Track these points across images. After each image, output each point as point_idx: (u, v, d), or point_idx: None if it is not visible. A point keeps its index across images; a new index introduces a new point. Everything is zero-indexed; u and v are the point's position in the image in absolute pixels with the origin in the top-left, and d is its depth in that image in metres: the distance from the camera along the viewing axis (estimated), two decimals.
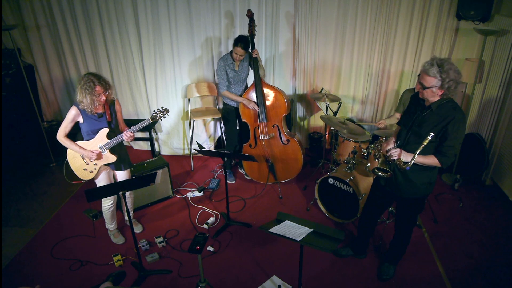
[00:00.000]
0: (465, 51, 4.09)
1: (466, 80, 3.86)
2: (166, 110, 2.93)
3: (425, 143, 2.17)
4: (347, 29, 4.18)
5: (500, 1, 3.76)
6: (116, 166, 3.09)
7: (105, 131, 2.89)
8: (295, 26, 4.24)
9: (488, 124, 3.98)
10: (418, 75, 2.29)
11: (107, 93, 2.80)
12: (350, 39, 4.24)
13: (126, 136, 2.87)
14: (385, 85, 4.42)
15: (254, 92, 3.83)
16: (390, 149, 2.40)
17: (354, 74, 4.45)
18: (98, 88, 2.72)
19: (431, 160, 2.32)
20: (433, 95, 2.25)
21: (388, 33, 4.11)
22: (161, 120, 2.94)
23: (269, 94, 3.88)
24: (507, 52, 3.62)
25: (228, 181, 3.97)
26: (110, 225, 3.35)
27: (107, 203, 3.18)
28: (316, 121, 4.82)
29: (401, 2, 3.94)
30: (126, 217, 3.46)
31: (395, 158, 2.33)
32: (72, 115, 2.83)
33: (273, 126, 3.95)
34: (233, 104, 3.97)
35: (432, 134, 2.15)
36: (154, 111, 2.92)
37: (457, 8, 3.77)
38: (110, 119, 2.93)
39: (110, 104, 2.95)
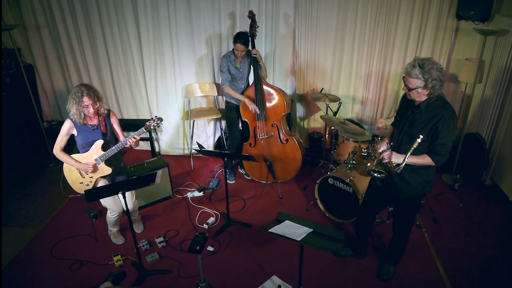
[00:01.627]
0: (465, 51, 4.09)
1: (466, 80, 3.86)
2: (160, 119, 2.87)
3: (414, 146, 2.17)
4: (347, 29, 4.18)
5: (500, 1, 3.76)
6: (112, 178, 3.03)
7: (99, 142, 2.85)
8: (295, 26, 4.24)
9: (488, 124, 3.98)
10: (403, 77, 2.29)
11: (96, 105, 2.76)
12: (350, 39, 4.24)
13: (130, 141, 2.82)
14: (385, 85, 4.42)
15: (254, 91, 3.85)
16: (383, 151, 2.41)
17: (354, 74, 4.45)
18: (85, 99, 2.68)
19: (425, 160, 2.32)
20: (419, 96, 2.26)
21: (388, 33, 4.11)
22: (155, 129, 2.87)
23: (269, 94, 3.89)
24: (507, 52, 3.62)
25: (228, 181, 3.97)
26: (113, 229, 3.34)
27: (113, 214, 3.14)
28: (316, 121, 4.83)
29: (401, 2, 3.94)
30: (134, 217, 3.45)
31: (386, 160, 2.34)
32: (66, 128, 2.81)
33: (272, 125, 3.95)
34: (234, 102, 3.98)
35: (421, 136, 2.16)
36: (148, 120, 2.86)
37: (457, 8, 3.77)
38: (105, 130, 2.89)
39: (105, 116, 2.91)
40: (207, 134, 4.86)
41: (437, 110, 2.24)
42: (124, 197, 2.75)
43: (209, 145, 4.91)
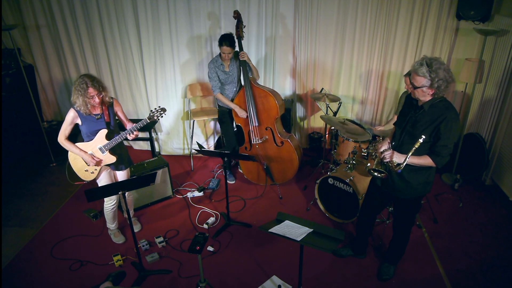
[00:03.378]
0: (465, 51, 4.09)
1: (466, 80, 3.86)
2: (163, 110, 2.92)
3: (416, 146, 2.17)
4: (347, 29, 4.18)
5: (500, 1, 3.76)
6: (115, 166, 3.09)
7: (104, 132, 2.89)
8: (294, 26, 4.24)
9: (488, 124, 3.98)
10: (407, 75, 2.29)
11: (101, 95, 2.79)
12: (350, 39, 4.24)
13: (130, 137, 2.90)
14: (385, 85, 4.42)
15: (244, 95, 3.79)
16: (384, 150, 2.40)
17: (354, 74, 4.45)
18: (90, 90, 2.71)
19: (426, 161, 2.32)
20: (424, 95, 2.26)
21: (388, 33, 4.11)
22: (158, 119, 2.94)
23: (260, 97, 3.82)
24: (507, 52, 3.62)
25: (228, 181, 3.97)
26: (111, 225, 3.35)
27: (110, 204, 3.18)
28: (316, 121, 4.82)
29: (401, 2, 3.94)
30: (125, 215, 3.46)
31: (387, 160, 2.34)
32: (70, 117, 2.84)
33: (266, 129, 3.91)
34: (227, 106, 3.96)
35: (423, 136, 2.16)
36: (151, 110, 2.90)
37: (457, 8, 3.77)
38: (109, 119, 2.93)
39: (108, 105, 2.94)
40: (207, 134, 4.86)
41: (440, 112, 2.24)
42: (124, 197, 2.75)
43: (209, 145, 4.91)
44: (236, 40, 3.67)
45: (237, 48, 3.72)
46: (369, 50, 4.26)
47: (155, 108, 2.91)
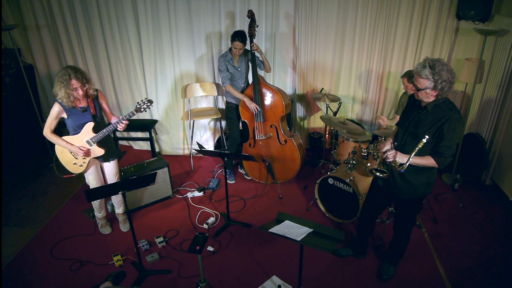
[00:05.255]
0: (465, 51, 4.09)
1: (466, 80, 3.86)
2: (150, 101, 2.94)
3: (420, 146, 2.16)
4: (347, 29, 4.18)
5: (500, 1, 3.76)
6: (104, 158, 3.11)
7: (90, 125, 2.89)
8: (295, 26, 4.24)
9: (488, 124, 3.98)
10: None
11: (85, 87, 2.77)
12: (350, 39, 4.24)
13: (120, 126, 2.90)
14: (385, 85, 4.42)
15: (252, 91, 3.84)
16: (386, 150, 2.40)
17: (354, 74, 4.45)
18: (73, 81, 2.69)
19: (428, 161, 2.32)
20: (427, 96, 2.25)
21: (388, 33, 4.11)
22: (145, 111, 2.95)
23: (267, 94, 3.88)
24: (507, 52, 3.62)
25: (228, 181, 3.98)
26: (99, 214, 3.40)
27: None
28: (316, 121, 4.82)
29: (401, 2, 3.95)
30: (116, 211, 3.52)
31: (390, 160, 2.34)
32: (55, 111, 2.82)
33: (270, 126, 3.95)
34: (234, 101, 3.98)
35: (427, 136, 2.15)
36: (138, 102, 2.91)
37: (457, 8, 3.77)
38: (95, 112, 2.92)
39: (94, 98, 2.93)
40: (207, 134, 4.86)
41: (444, 112, 2.24)
42: (124, 197, 2.75)
43: (209, 145, 4.91)
44: (248, 38, 3.72)
45: (247, 46, 3.76)
46: (369, 50, 4.26)
47: (142, 100, 2.92)
